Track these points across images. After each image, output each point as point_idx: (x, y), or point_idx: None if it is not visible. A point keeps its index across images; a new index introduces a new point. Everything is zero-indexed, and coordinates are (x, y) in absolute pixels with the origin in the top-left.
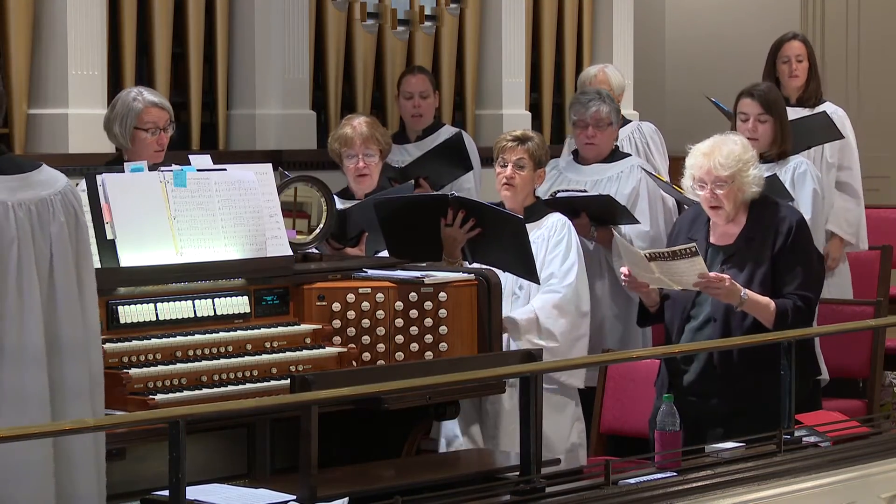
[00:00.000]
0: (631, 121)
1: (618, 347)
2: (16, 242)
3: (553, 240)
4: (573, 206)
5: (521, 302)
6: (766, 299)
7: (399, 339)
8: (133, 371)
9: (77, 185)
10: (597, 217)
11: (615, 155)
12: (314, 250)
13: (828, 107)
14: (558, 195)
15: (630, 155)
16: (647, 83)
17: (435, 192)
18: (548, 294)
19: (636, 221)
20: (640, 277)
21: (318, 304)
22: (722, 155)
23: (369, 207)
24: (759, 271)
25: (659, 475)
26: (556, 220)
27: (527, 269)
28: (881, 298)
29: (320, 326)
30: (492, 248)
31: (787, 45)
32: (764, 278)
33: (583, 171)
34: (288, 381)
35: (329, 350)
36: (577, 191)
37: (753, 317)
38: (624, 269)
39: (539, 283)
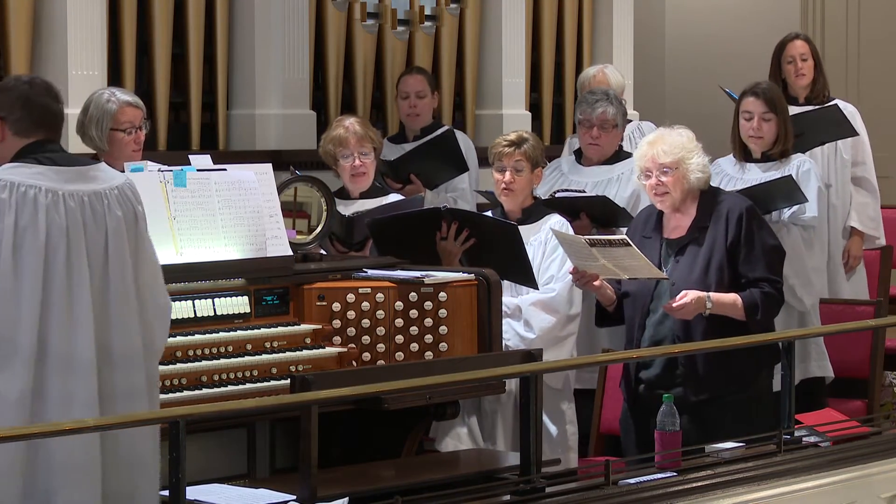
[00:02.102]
0: (631, 121)
1: (611, 344)
2: (65, 232)
3: (551, 244)
4: (573, 207)
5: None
6: (731, 297)
7: (399, 339)
8: None
9: None
10: (597, 218)
11: (618, 156)
12: (322, 251)
13: (837, 103)
14: (557, 195)
15: (632, 155)
16: (647, 83)
17: (427, 207)
18: (542, 292)
19: None
20: (588, 269)
21: (318, 304)
22: (665, 143)
23: (378, 214)
24: (713, 260)
25: (659, 475)
26: (554, 222)
27: (524, 275)
28: (881, 298)
29: (320, 326)
30: (488, 257)
31: (791, 44)
32: (720, 266)
33: (585, 172)
34: (288, 381)
35: (329, 350)
36: (575, 191)
37: None
38: (570, 267)
39: (538, 289)
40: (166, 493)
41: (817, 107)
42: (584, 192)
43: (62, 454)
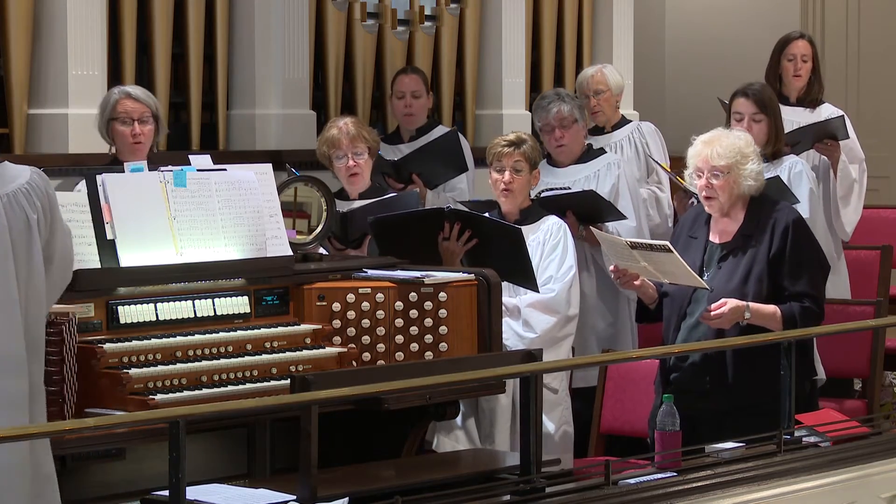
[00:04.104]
0: (631, 121)
1: (606, 343)
2: None
3: (549, 244)
4: (559, 205)
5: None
6: (770, 309)
7: (399, 339)
8: (133, 371)
9: (76, 185)
10: (584, 215)
11: (589, 154)
12: (322, 250)
13: (827, 108)
14: (543, 195)
15: (605, 152)
16: (647, 83)
17: (430, 207)
18: (541, 293)
19: (623, 217)
20: (630, 269)
21: (318, 304)
22: (721, 145)
23: (372, 210)
24: (754, 270)
25: (659, 475)
26: (552, 223)
27: (525, 277)
28: (881, 298)
29: (320, 326)
30: (489, 258)
31: (794, 43)
32: (759, 277)
33: (559, 173)
34: (288, 381)
35: (329, 350)
36: (560, 189)
37: None
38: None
39: (538, 291)
40: (166, 492)
41: (824, 119)
42: (570, 188)
43: None
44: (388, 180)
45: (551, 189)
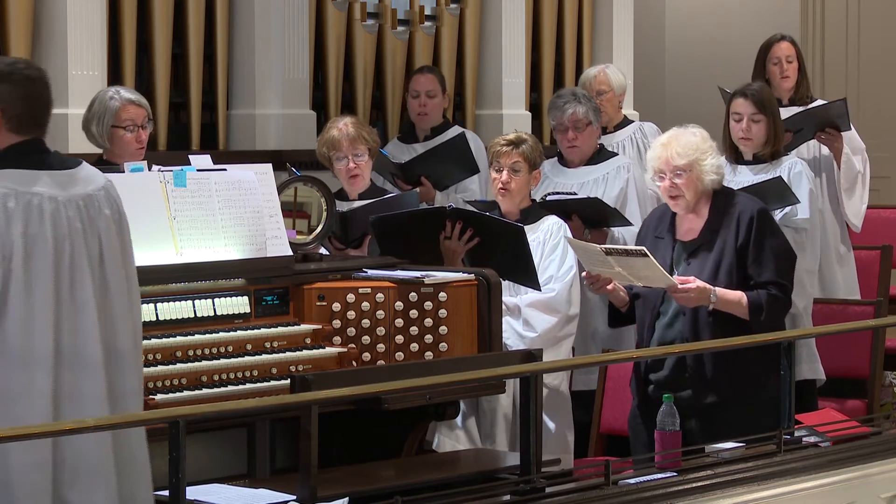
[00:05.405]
0: (633, 121)
1: (607, 345)
2: (68, 240)
3: (550, 243)
4: (564, 209)
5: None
6: (736, 294)
7: (399, 339)
8: None
9: None
10: (589, 219)
11: (601, 155)
12: (322, 250)
13: (819, 103)
14: (548, 198)
15: (616, 154)
16: (647, 83)
17: (432, 206)
18: (541, 292)
19: (628, 223)
20: (604, 274)
21: (318, 304)
22: (679, 145)
23: (372, 210)
24: (723, 263)
25: (659, 475)
26: (551, 223)
27: (527, 275)
28: (881, 298)
29: (320, 326)
30: (491, 257)
31: (776, 46)
32: (729, 269)
33: (568, 174)
34: (288, 381)
35: (329, 350)
36: (566, 193)
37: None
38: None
39: (540, 290)
40: (165, 493)
41: (825, 103)
42: (576, 193)
43: (77, 454)
44: (398, 182)
45: (557, 193)
